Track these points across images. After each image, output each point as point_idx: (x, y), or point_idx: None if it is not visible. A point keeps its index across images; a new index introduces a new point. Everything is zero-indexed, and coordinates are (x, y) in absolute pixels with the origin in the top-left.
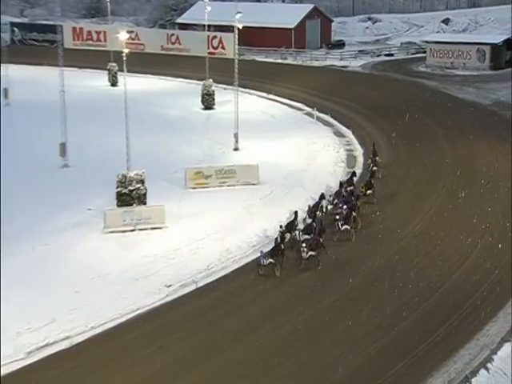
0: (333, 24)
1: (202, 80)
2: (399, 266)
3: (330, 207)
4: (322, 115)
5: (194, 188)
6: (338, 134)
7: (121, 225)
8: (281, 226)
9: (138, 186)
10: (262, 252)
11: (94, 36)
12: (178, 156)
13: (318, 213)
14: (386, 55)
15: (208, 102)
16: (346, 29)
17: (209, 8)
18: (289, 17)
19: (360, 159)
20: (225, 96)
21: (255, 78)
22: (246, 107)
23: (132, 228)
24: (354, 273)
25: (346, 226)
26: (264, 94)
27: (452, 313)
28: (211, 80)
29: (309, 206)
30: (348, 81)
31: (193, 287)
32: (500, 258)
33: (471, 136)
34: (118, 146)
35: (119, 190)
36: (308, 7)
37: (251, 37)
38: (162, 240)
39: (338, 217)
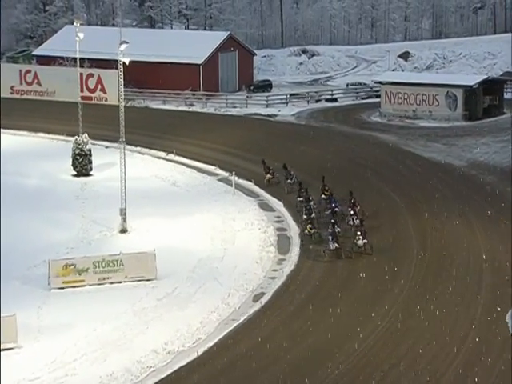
0: (255, 58)
1: (73, 135)
2: None
3: None
4: (242, 182)
5: (61, 288)
6: (266, 207)
7: None
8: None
9: None
10: None
11: None
12: (39, 243)
13: None
14: (328, 100)
15: (82, 165)
16: (273, 65)
17: (81, 35)
18: (195, 48)
19: (296, 241)
20: (106, 157)
21: (150, 133)
22: (137, 172)
23: None
24: None
25: None
26: (162, 154)
27: None
28: (86, 135)
29: None
30: (277, 135)
31: None
32: None
33: (442, 209)
34: None
35: None
36: (221, 36)
37: (143, 76)
38: (12, 367)
39: None
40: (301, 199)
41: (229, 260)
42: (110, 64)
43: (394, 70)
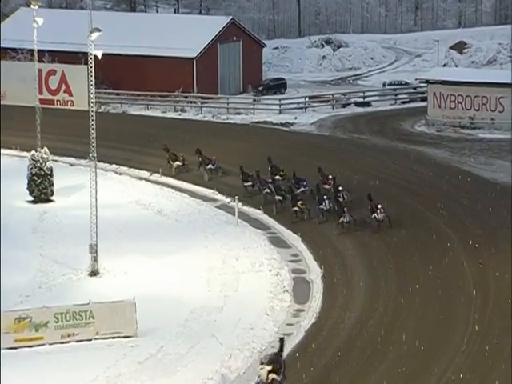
0: (265, 50)
1: (29, 150)
2: None
3: None
4: (247, 209)
5: (13, 348)
6: (278, 241)
7: None
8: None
9: None
10: None
11: None
12: None
13: None
14: (359, 105)
15: (41, 188)
16: (287, 59)
17: (40, 20)
18: (187, 38)
19: (318, 287)
20: (72, 178)
21: (129, 146)
22: (111, 197)
23: None
24: None
25: None
26: (145, 174)
27: None
28: (46, 150)
29: None
30: (292, 149)
31: None
32: None
33: (510, 246)
34: None
35: None
36: (221, 22)
37: (120, 73)
38: None
39: None
40: (249, 184)
41: (230, 311)
42: (78, 58)
43: (444, 66)
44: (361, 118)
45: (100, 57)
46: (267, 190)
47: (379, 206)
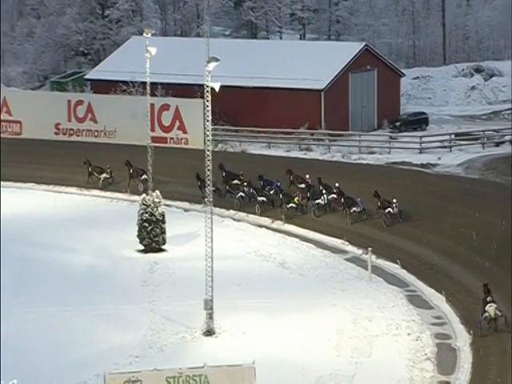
0: (403, 80)
1: (139, 194)
2: None
3: None
4: (383, 263)
5: None
6: (418, 301)
7: None
8: None
9: None
10: None
11: None
12: (91, 349)
13: None
14: None
15: (152, 236)
16: (430, 90)
17: (153, 50)
18: (315, 67)
19: (466, 355)
20: (186, 225)
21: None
22: (229, 247)
23: None
24: None
25: None
26: (266, 221)
27: None
28: (158, 193)
29: None
30: (435, 195)
31: None
32: None
33: None
34: None
35: None
36: (353, 48)
37: (239, 108)
38: None
39: None
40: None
41: (362, 380)
42: (193, 91)
43: None
44: None
45: (217, 89)
46: (241, 194)
47: None
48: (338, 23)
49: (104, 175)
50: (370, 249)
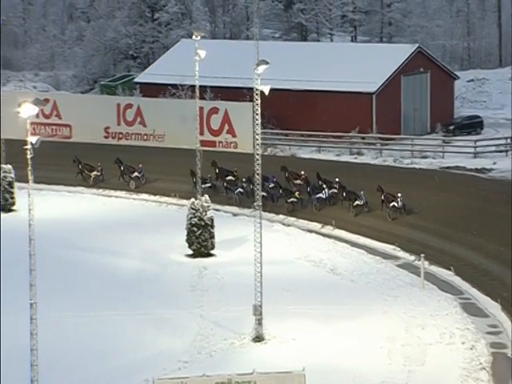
0: (457, 83)
1: (188, 198)
2: None
3: None
4: (436, 270)
5: None
6: (473, 309)
7: None
8: None
9: None
10: None
11: None
12: (139, 354)
13: None
14: None
15: (201, 241)
16: (485, 93)
17: (202, 53)
18: (366, 70)
19: None
20: (235, 229)
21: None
22: (278, 252)
23: None
24: None
25: None
26: (315, 226)
27: None
28: (207, 198)
29: None
30: (490, 201)
31: None
32: None
33: None
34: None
35: None
36: (406, 50)
37: (289, 111)
38: None
39: None
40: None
41: None
42: (242, 94)
43: None
44: None
45: (267, 92)
46: (240, 190)
47: None
48: (391, 25)
49: (94, 173)
50: (422, 255)
